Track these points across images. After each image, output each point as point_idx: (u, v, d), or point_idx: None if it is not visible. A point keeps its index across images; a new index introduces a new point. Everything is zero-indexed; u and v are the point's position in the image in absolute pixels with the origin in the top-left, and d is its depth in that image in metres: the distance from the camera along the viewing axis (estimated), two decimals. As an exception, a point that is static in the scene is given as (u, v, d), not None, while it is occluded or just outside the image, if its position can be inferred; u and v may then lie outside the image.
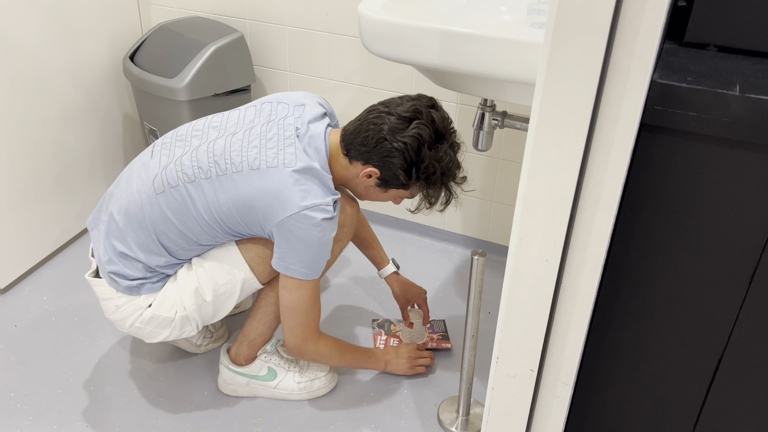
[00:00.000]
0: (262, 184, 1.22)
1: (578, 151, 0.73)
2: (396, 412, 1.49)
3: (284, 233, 1.23)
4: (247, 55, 1.94)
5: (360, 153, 1.27)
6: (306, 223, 1.21)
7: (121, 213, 1.30)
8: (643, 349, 0.92)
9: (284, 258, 1.26)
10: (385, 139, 1.23)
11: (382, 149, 1.24)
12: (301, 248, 1.24)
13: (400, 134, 1.23)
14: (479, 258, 1.23)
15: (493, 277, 1.90)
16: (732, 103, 0.73)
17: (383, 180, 1.29)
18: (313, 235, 1.22)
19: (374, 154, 1.25)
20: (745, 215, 0.78)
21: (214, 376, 1.56)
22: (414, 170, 1.26)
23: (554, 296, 0.84)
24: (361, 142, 1.26)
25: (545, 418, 0.95)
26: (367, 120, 1.26)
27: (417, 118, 1.23)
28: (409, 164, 1.25)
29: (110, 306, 1.34)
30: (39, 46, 1.76)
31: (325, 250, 1.27)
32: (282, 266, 1.27)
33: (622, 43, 0.67)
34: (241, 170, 1.23)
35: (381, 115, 1.25)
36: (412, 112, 1.24)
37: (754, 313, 0.83)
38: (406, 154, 1.23)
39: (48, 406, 1.47)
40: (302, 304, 1.30)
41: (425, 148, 1.24)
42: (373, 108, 1.28)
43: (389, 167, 1.26)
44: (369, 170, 1.27)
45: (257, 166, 1.23)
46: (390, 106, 1.26)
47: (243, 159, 1.24)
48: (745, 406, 0.91)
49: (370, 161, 1.27)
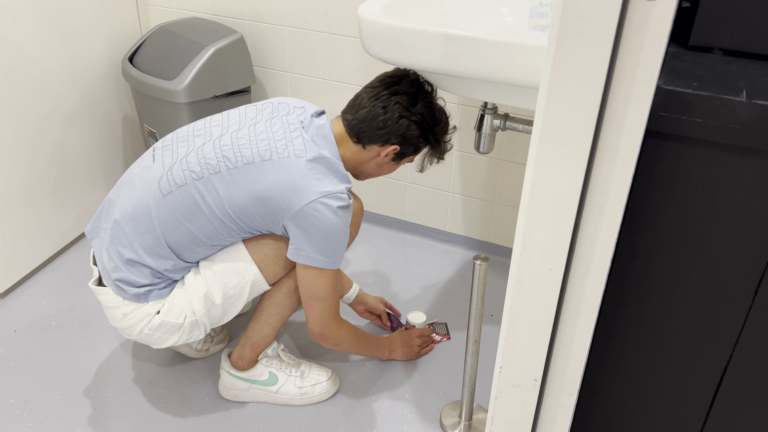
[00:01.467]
0: (276, 175, 1.23)
1: (583, 160, 0.72)
2: (398, 417, 1.48)
3: (301, 223, 1.23)
4: (247, 56, 1.93)
5: (378, 136, 1.32)
6: (323, 211, 1.22)
7: (126, 218, 1.29)
8: (648, 359, 0.91)
9: (302, 248, 1.26)
10: (403, 116, 1.30)
11: (400, 127, 1.31)
12: (319, 237, 1.24)
13: (414, 108, 1.31)
14: (481, 263, 1.22)
15: (496, 279, 1.88)
16: (739, 109, 0.71)
17: (400, 153, 1.36)
18: (331, 223, 1.23)
19: (393, 134, 1.32)
20: (752, 223, 0.77)
21: (214, 380, 1.55)
22: (431, 134, 1.35)
23: (558, 305, 0.83)
24: (378, 126, 1.31)
25: (549, 427, 0.94)
26: (375, 107, 1.30)
27: (419, 88, 1.32)
28: (427, 131, 1.34)
29: (117, 314, 1.32)
30: (37, 47, 1.74)
31: (343, 238, 1.28)
32: (301, 256, 1.27)
33: (627, 50, 0.65)
34: (253, 161, 1.24)
35: (385, 96, 1.30)
36: (410, 85, 1.31)
37: (760, 322, 0.82)
38: (424, 123, 1.32)
39: (48, 412, 1.46)
40: (323, 292, 1.32)
41: (435, 112, 1.35)
42: (372, 96, 1.31)
43: (409, 140, 1.34)
44: (390, 149, 1.34)
45: (269, 157, 1.24)
46: (387, 88, 1.31)
47: (253, 151, 1.25)
48: (750, 417, 0.89)
49: (389, 141, 1.33)
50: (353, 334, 1.45)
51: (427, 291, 1.87)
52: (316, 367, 1.53)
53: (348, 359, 1.62)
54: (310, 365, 1.53)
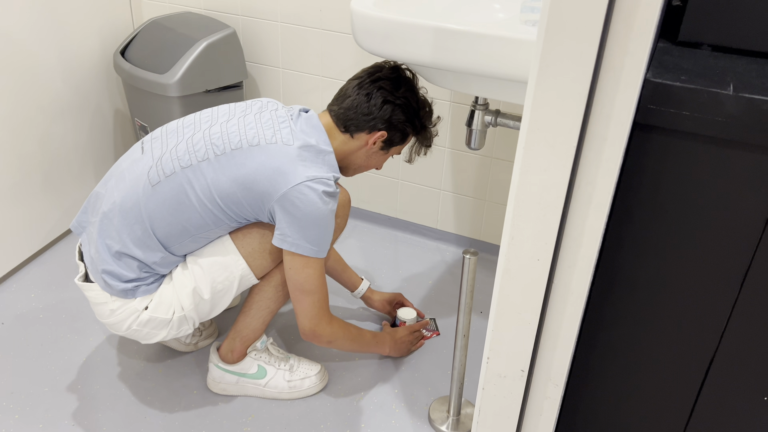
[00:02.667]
0: (263, 159, 1.23)
1: (570, 150, 0.72)
2: (387, 412, 1.48)
3: (287, 206, 1.23)
4: (240, 52, 1.93)
5: (364, 123, 1.33)
6: (308, 195, 1.22)
7: (114, 210, 1.28)
8: (635, 349, 0.91)
9: (287, 233, 1.26)
10: (387, 101, 1.32)
11: (385, 112, 1.32)
12: (305, 222, 1.24)
13: (398, 92, 1.32)
14: (471, 257, 1.22)
15: (486, 276, 1.89)
16: (726, 103, 0.72)
17: (388, 141, 1.37)
18: (316, 207, 1.23)
19: (379, 120, 1.33)
20: (739, 215, 0.78)
21: (203, 374, 1.55)
22: (416, 119, 1.36)
23: (545, 296, 0.83)
24: (364, 113, 1.32)
25: (536, 418, 0.95)
26: (360, 95, 1.32)
27: (399, 74, 1.34)
28: (412, 115, 1.35)
29: (104, 310, 1.32)
30: (28, 40, 1.74)
31: (328, 226, 1.28)
32: (286, 242, 1.26)
33: (616, 40, 0.66)
34: (241, 147, 1.25)
35: (368, 85, 1.32)
36: (391, 70, 1.34)
37: (746, 312, 0.83)
38: (409, 108, 1.34)
39: (34, 404, 1.45)
40: (311, 284, 1.31)
41: (419, 95, 1.37)
42: (356, 85, 1.34)
43: (396, 125, 1.34)
44: (377, 135, 1.34)
45: (256, 142, 1.25)
46: (371, 77, 1.33)
47: (241, 137, 1.26)
48: (736, 406, 0.90)
49: (376, 127, 1.33)
50: (346, 330, 1.44)
51: (418, 288, 1.87)
52: (306, 361, 1.53)
53: (337, 355, 1.62)
54: (299, 359, 1.53)
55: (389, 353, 1.59)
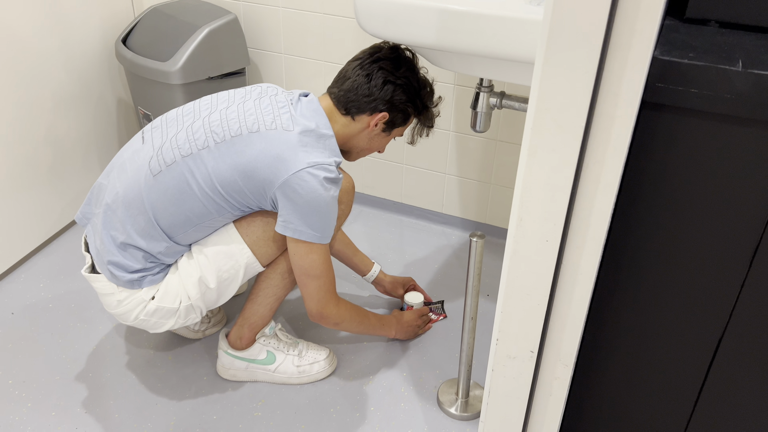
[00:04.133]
0: (264, 146, 1.23)
1: (579, 129, 0.72)
2: (395, 395, 1.49)
3: (288, 193, 1.22)
4: (241, 38, 1.92)
5: (366, 104, 1.32)
6: (310, 181, 1.21)
7: (117, 202, 1.28)
8: (643, 330, 0.91)
9: (290, 220, 1.25)
10: (388, 81, 1.31)
11: (386, 92, 1.31)
12: (307, 209, 1.24)
13: (398, 72, 1.31)
14: (478, 240, 1.22)
15: (492, 260, 1.89)
16: (734, 79, 0.71)
17: (390, 122, 1.36)
18: (318, 194, 1.22)
19: (380, 101, 1.32)
20: (748, 193, 0.77)
21: (212, 360, 1.56)
22: (417, 99, 1.35)
23: (554, 277, 0.83)
24: (364, 94, 1.31)
25: (545, 399, 0.95)
26: (360, 75, 1.32)
27: (399, 54, 1.33)
28: (413, 95, 1.34)
29: (112, 301, 1.32)
30: (29, 30, 1.73)
31: (331, 211, 1.27)
32: (289, 229, 1.26)
33: (623, 17, 0.65)
34: (240, 134, 1.24)
35: (368, 65, 1.31)
36: (391, 50, 1.33)
37: (756, 290, 0.82)
38: (410, 87, 1.33)
39: (46, 393, 1.47)
40: (316, 268, 1.31)
41: (419, 74, 1.36)
42: (356, 66, 1.33)
43: (397, 106, 1.34)
44: (378, 117, 1.33)
45: (256, 129, 1.24)
46: (371, 57, 1.32)
47: (241, 124, 1.25)
48: (744, 386, 0.90)
49: (377, 109, 1.33)
50: (353, 312, 1.45)
51: (424, 272, 1.87)
52: (314, 346, 1.54)
53: (345, 339, 1.63)
54: (308, 344, 1.53)
55: (396, 336, 1.59)
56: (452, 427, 1.42)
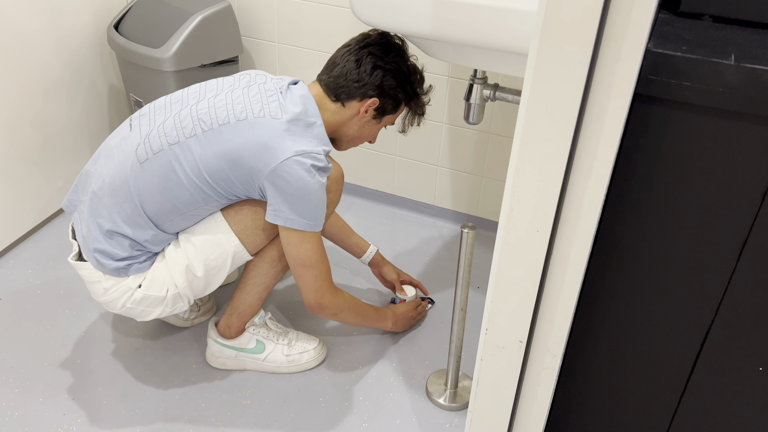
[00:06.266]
0: (251, 134, 1.22)
1: (571, 120, 0.72)
2: (385, 385, 1.49)
3: (277, 182, 1.22)
4: (235, 25, 1.91)
5: (355, 90, 1.31)
6: (297, 170, 1.21)
7: (104, 189, 1.27)
8: (633, 321, 0.92)
9: (280, 209, 1.24)
10: (378, 66, 1.30)
11: (376, 77, 1.30)
12: (296, 197, 1.23)
13: (388, 57, 1.31)
14: (469, 231, 1.23)
15: (483, 252, 1.90)
16: (727, 73, 0.72)
17: (380, 108, 1.35)
18: (306, 182, 1.22)
19: (369, 86, 1.31)
20: (738, 186, 0.78)
21: (201, 349, 1.55)
22: (407, 85, 1.34)
23: (544, 267, 0.84)
24: (354, 79, 1.31)
25: (533, 389, 0.96)
26: (349, 61, 1.31)
27: (389, 40, 1.33)
28: (403, 81, 1.33)
29: (98, 289, 1.32)
30: (19, 13, 1.71)
31: (320, 199, 1.26)
32: (280, 218, 1.25)
33: (618, 8, 0.65)
34: (228, 122, 1.23)
35: (357, 51, 1.31)
36: (380, 36, 1.33)
37: (744, 283, 0.83)
38: (399, 73, 1.32)
39: (34, 378, 1.46)
40: (311, 258, 1.30)
41: (408, 60, 1.35)
42: (345, 52, 1.32)
43: (387, 92, 1.33)
44: (368, 103, 1.32)
45: (244, 117, 1.23)
46: (360, 44, 1.32)
47: (229, 113, 1.24)
48: (732, 377, 0.91)
49: (367, 94, 1.32)
50: (351, 302, 1.44)
51: (415, 264, 1.87)
52: (304, 336, 1.54)
53: (335, 329, 1.63)
54: (298, 334, 1.54)
55: (392, 328, 1.59)
56: (441, 417, 1.43)
